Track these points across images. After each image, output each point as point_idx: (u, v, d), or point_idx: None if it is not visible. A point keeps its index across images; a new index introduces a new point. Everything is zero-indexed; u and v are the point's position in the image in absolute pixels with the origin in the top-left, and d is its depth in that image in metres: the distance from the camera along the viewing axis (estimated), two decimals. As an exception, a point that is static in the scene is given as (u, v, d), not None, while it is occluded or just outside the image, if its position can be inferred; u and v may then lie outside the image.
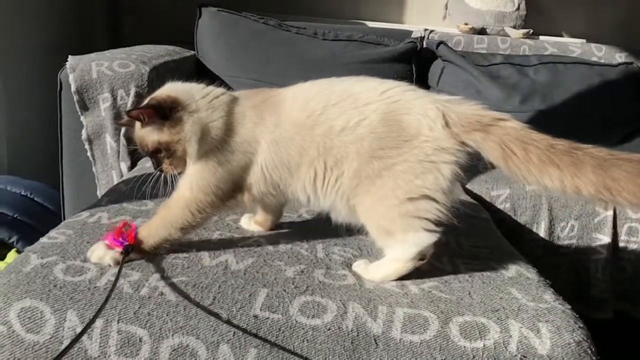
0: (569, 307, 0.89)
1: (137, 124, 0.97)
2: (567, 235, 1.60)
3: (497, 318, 0.82)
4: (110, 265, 0.88)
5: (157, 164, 0.97)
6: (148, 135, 0.95)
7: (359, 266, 0.95)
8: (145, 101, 0.97)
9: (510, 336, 0.79)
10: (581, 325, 0.84)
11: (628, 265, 1.63)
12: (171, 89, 0.99)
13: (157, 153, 0.96)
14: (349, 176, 0.91)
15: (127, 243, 0.89)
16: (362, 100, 0.92)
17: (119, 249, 0.89)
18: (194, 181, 0.94)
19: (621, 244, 1.62)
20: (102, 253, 0.89)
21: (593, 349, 0.81)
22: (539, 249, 1.60)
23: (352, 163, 0.90)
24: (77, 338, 0.76)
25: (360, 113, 0.91)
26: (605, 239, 1.60)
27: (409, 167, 0.88)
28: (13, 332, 0.77)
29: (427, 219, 0.90)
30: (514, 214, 1.59)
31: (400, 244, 0.90)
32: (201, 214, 0.93)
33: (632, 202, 0.82)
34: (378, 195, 0.90)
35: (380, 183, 0.89)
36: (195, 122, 0.93)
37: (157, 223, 0.93)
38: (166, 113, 0.93)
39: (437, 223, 0.90)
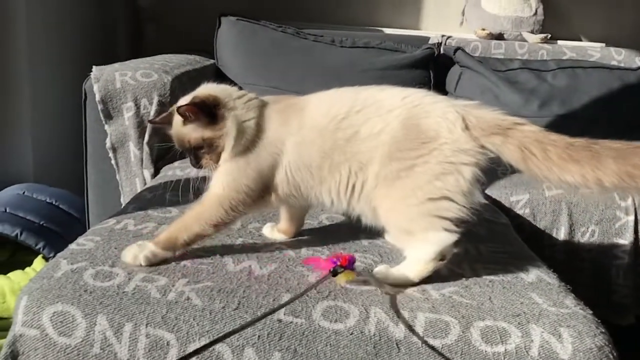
0: (591, 312, 0.89)
1: (178, 122, 1.01)
2: (587, 240, 1.60)
3: (518, 323, 0.83)
4: (141, 265, 0.91)
5: (197, 160, 1.01)
6: (192, 132, 0.99)
7: (380, 272, 0.96)
8: (188, 100, 1.00)
9: (532, 341, 0.80)
10: (603, 330, 0.84)
11: (650, 270, 1.62)
12: (211, 89, 1.03)
13: (199, 149, 0.99)
14: (371, 179, 0.94)
15: (339, 264, 0.90)
16: (385, 107, 0.95)
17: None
18: (225, 180, 0.98)
19: (643, 249, 1.61)
20: (136, 252, 0.93)
21: (615, 354, 0.81)
22: (559, 254, 1.59)
23: (374, 167, 0.93)
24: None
25: (384, 120, 0.94)
26: (626, 244, 1.59)
27: (429, 168, 0.90)
28: (46, 335, 0.80)
29: (447, 218, 0.91)
30: (534, 219, 1.59)
31: (420, 243, 0.91)
32: (233, 212, 0.97)
33: None
34: (398, 196, 0.92)
35: (400, 184, 0.91)
36: (234, 120, 0.98)
37: (190, 219, 0.97)
38: (211, 110, 0.97)
39: (457, 223, 0.91)
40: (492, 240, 1.16)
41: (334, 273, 0.89)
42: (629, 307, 1.61)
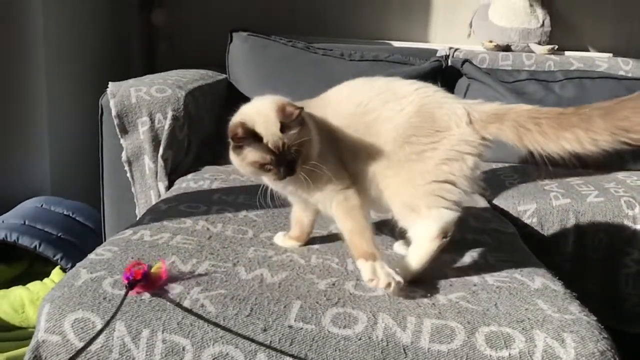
0: (595, 318, 0.91)
1: (277, 128, 0.95)
2: (596, 249, 1.61)
3: (523, 328, 0.85)
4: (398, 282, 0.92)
5: (293, 167, 0.97)
6: (297, 135, 0.96)
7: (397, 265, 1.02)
8: (277, 107, 0.97)
9: (535, 346, 0.82)
10: (606, 336, 0.86)
11: (659, 278, 1.63)
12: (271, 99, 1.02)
13: (299, 154, 0.97)
14: (383, 158, 1.00)
15: (132, 278, 0.89)
16: (400, 93, 1.02)
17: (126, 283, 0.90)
18: (328, 182, 1.00)
19: (652, 258, 1.61)
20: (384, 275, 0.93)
21: (617, 359, 0.83)
22: (567, 264, 1.61)
23: (387, 147, 1.00)
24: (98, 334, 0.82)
25: (400, 104, 1.00)
26: (635, 252, 1.60)
27: (437, 154, 0.98)
28: (67, 341, 0.84)
29: (449, 199, 0.98)
30: (541, 228, 1.60)
31: (424, 219, 0.98)
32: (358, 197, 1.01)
33: None
34: (407, 177, 0.99)
35: (409, 166, 0.98)
36: (310, 120, 1.00)
37: (358, 239, 0.98)
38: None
39: (458, 205, 0.98)
40: (499, 249, 1.19)
41: (131, 286, 0.89)
42: (639, 315, 1.62)
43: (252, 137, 0.95)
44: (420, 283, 0.99)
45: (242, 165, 1.01)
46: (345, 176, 1.02)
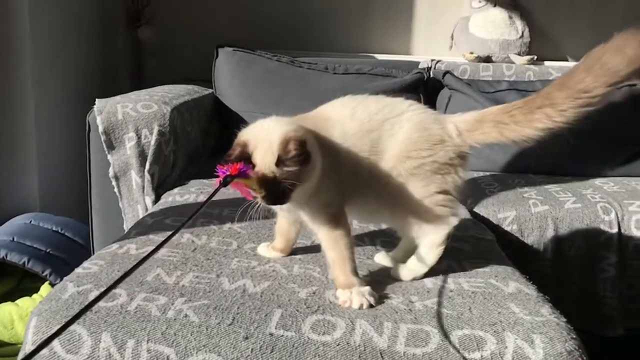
0: (564, 320, 0.95)
1: (273, 161, 0.93)
2: (574, 254, 1.65)
3: (494, 331, 0.89)
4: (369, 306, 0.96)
5: (283, 198, 0.95)
6: (293, 172, 0.93)
7: (397, 270, 1.09)
8: (282, 139, 0.93)
9: (506, 347, 0.86)
10: (574, 336, 0.89)
11: (637, 282, 1.67)
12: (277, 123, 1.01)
13: (294, 187, 0.95)
14: (385, 174, 1.04)
15: (229, 173, 0.90)
16: (396, 109, 1.06)
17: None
18: (321, 206, 1.01)
19: (628, 262, 1.66)
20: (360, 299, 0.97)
21: (585, 358, 0.86)
22: (547, 269, 1.65)
23: (389, 162, 1.04)
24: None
25: (398, 121, 1.05)
26: (612, 257, 1.65)
27: (437, 167, 1.04)
28: (54, 353, 0.86)
29: (450, 208, 1.06)
30: (521, 235, 1.65)
31: (434, 228, 1.05)
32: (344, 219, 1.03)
33: (606, 84, 0.99)
34: (409, 191, 1.04)
35: (411, 180, 1.04)
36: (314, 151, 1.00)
37: (339, 270, 1.00)
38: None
39: (456, 212, 1.08)
40: (476, 256, 1.22)
41: (225, 183, 0.91)
42: (617, 319, 1.66)
43: (246, 160, 0.93)
44: (399, 290, 1.03)
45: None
46: (339, 201, 1.04)
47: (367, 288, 0.98)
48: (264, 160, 0.93)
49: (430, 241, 1.06)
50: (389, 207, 1.07)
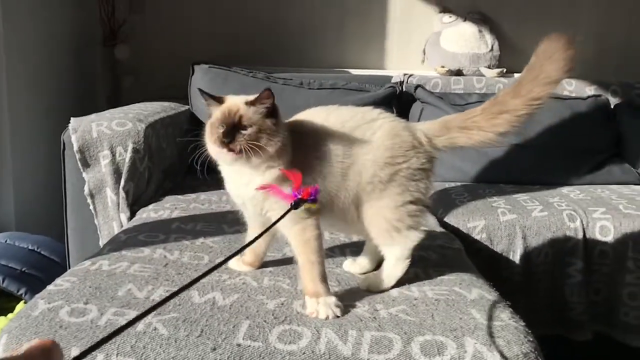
0: (523, 324, 0.99)
1: (242, 101, 1.03)
2: (542, 261, 1.70)
3: (455, 336, 0.92)
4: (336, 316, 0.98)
5: (235, 137, 1.00)
6: (260, 117, 1.02)
7: (365, 282, 1.11)
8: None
9: (465, 351, 0.89)
10: (531, 339, 0.93)
11: (602, 287, 1.72)
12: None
13: (253, 133, 1.01)
14: (365, 181, 1.07)
15: (301, 197, 0.94)
16: (368, 117, 1.10)
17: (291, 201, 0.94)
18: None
19: (594, 267, 1.71)
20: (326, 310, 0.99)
21: (540, 359, 0.90)
22: (517, 276, 1.69)
23: (368, 170, 1.06)
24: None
25: (371, 127, 1.08)
26: (578, 262, 1.69)
27: (410, 173, 1.08)
28: (24, 369, 0.87)
29: (419, 220, 1.10)
30: (491, 243, 1.69)
31: (402, 239, 1.08)
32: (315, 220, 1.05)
33: (550, 91, 1.06)
34: (385, 200, 1.07)
35: (388, 188, 1.07)
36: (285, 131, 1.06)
37: (307, 276, 1.02)
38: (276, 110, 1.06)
39: (424, 224, 1.12)
40: (442, 264, 1.26)
41: (296, 206, 0.93)
42: (585, 323, 1.71)
43: (215, 100, 1.05)
44: (365, 299, 1.06)
45: (206, 131, 1.05)
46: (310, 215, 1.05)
47: (334, 299, 1.00)
48: (232, 100, 1.03)
49: (397, 255, 1.10)
50: (364, 217, 1.09)
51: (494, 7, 2.75)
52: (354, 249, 1.31)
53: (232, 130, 1.00)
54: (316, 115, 1.12)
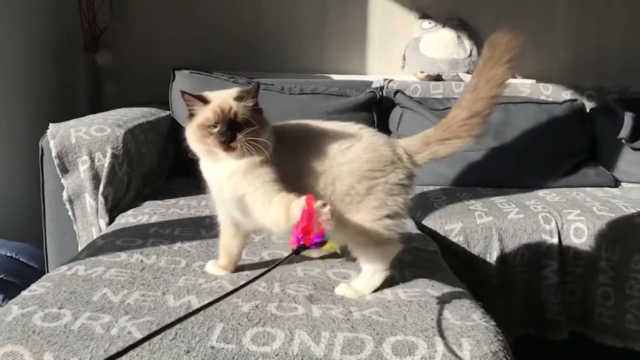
0: (494, 323, 1.00)
1: (231, 97, 1.05)
2: (518, 263, 1.72)
3: (425, 336, 0.93)
4: None
5: (235, 134, 1.02)
6: (249, 109, 1.05)
7: (342, 289, 1.12)
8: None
9: (436, 351, 0.90)
10: (500, 338, 0.95)
11: (577, 288, 1.75)
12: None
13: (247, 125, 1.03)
14: (341, 192, 1.08)
15: (303, 243, 0.91)
16: (348, 130, 1.13)
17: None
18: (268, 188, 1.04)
19: (569, 268, 1.74)
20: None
21: (509, 358, 0.92)
22: (494, 278, 1.71)
23: (344, 181, 1.08)
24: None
25: (349, 141, 1.10)
26: (554, 264, 1.72)
27: (389, 188, 1.09)
28: (-4, 374, 0.88)
29: (398, 232, 1.11)
30: (468, 246, 1.71)
31: (381, 252, 1.10)
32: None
33: (504, 83, 1.10)
34: (363, 213, 1.08)
35: (366, 201, 1.08)
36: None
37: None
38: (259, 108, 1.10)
39: (402, 236, 1.13)
40: (417, 266, 1.28)
41: (297, 252, 0.93)
42: (561, 323, 1.73)
43: (200, 100, 1.05)
44: (340, 302, 1.07)
45: (192, 132, 1.06)
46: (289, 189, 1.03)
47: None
48: (220, 97, 1.04)
49: (375, 267, 1.12)
50: (345, 229, 1.09)
51: (472, 14, 2.78)
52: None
53: (229, 129, 1.01)
54: (300, 123, 1.16)
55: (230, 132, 1.01)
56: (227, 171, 1.06)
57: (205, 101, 1.05)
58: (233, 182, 1.06)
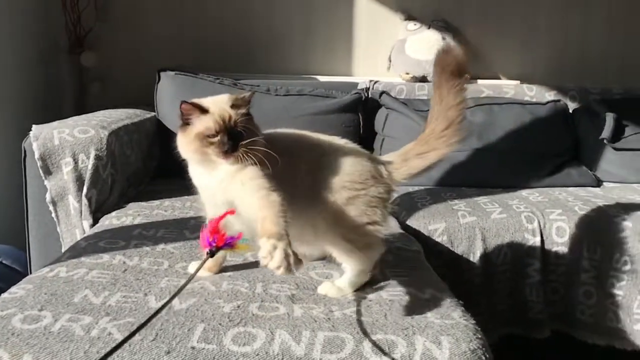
0: (473, 322, 1.01)
1: (228, 105, 1.08)
2: (501, 262, 1.74)
3: (405, 335, 0.94)
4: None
5: (237, 143, 1.04)
6: (246, 117, 1.08)
7: (326, 288, 1.13)
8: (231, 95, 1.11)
9: (415, 349, 0.91)
10: (479, 337, 0.96)
11: (560, 286, 1.77)
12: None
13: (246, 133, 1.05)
14: (322, 201, 1.11)
15: (215, 245, 0.97)
16: (334, 143, 1.19)
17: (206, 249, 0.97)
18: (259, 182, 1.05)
19: (551, 267, 1.76)
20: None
21: (487, 356, 0.93)
22: (477, 277, 1.73)
23: (327, 191, 1.11)
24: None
25: (335, 153, 1.15)
26: (536, 263, 1.74)
27: (368, 200, 1.13)
28: (-25, 376, 0.87)
29: (379, 237, 1.15)
30: (451, 245, 1.72)
31: (363, 255, 1.13)
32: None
33: (464, 88, 1.18)
34: (344, 220, 1.11)
35: (347, 209, 1.11)
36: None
37: (269, 223, 0.95)
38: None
39: (383, 240, 1.17)
40: (399, 265, 1.28)
41: (212, 254, 0.97)
42: (544, 321, 1.75)
43: (199, 109, 1.04)
44: (322, 301, 1.08)
45: (188, 142, 1.05)
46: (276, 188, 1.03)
47: (293, 252, 0.92)
48: (217, 106, 1.04)
49: (359, 268, 1.14)
50: (325, 234, 1.13)
51: (457, 15, 2.80)
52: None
53: (230, 139, 1.02)
54: (289, 133, 1.20)
55: (232, 141, 1.02)
56: (219, 176, 1.07)
57: (204, 110, 1.05)
58: (224, 185, 1.07)
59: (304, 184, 1.11)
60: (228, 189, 1.06)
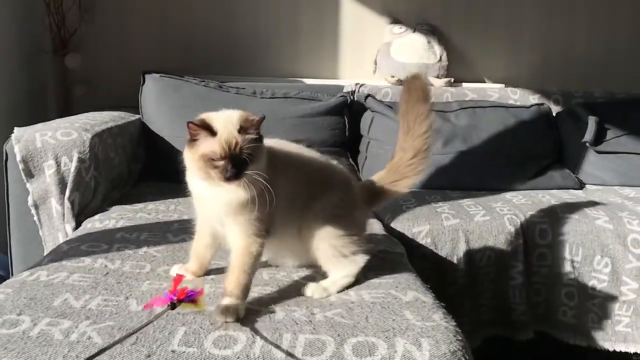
0: (454, 324, 1.02)
1: (235, 129, 1.03)
2: (485, 264, 1.75)
3: (386, 337, 0.95)
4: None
5: (240, 171, 1.03)
6: (252, 142, 1.04)
7: (312, 289, 1.14)
8: (241, 114, 1.08)
9: (396, 351, 0.92)
10: (459, 338, 0.96)
11: (542, 288, 1.78)
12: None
13: (251, 161, 1.04)
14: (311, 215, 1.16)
15: (176, 298, 0.98)
16: (330, 163, 1.26)
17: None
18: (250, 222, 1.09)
19: (534, 269, 1.77)
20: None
21: (467, 358, 0.93)
22: (461, 279, 1.74)
23: (315, 202, 1.15)
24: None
25: (330, 173, 1.23)
26: (519, 265, 1.75)
27: (350, 219, 1.20)
28: (-49, 382, 0.86)
29: (362, 246, 1.21)
30: (435, 248, 1.73)
31: (350, 262, 1.18)
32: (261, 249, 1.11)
33: (428, 116, 1.26)
34: (336, 229, 1.17)
35: (334, 221, 1.17)
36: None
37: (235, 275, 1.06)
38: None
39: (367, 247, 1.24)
40: (382, 268, 1.29)
41: (172, 306, 0.97)
42: (527, 323, 1.76)
43: (207, 130, 1.02)
44: (304, 304, 1.08)
45: (193, 160, 1.04)
46: (268, 223, 1.10)
47: (243, 308, 1.01)
48: (225, 129, 1.01)
49: (345, 272, 1.18)
50: (314, 242, 1.17)
51: (442, 19, 2.83)
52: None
53: (234, 166, 1.01)
54: (285, 145, 1.21)
55: (235, 169, 1.01)
56: (218, 193, 1.06)
57: (212, 132, 1.02)
58: (220, 203, 1.07)
59: (300, 196, 1.15)
60: (222, 208, 1.08)
